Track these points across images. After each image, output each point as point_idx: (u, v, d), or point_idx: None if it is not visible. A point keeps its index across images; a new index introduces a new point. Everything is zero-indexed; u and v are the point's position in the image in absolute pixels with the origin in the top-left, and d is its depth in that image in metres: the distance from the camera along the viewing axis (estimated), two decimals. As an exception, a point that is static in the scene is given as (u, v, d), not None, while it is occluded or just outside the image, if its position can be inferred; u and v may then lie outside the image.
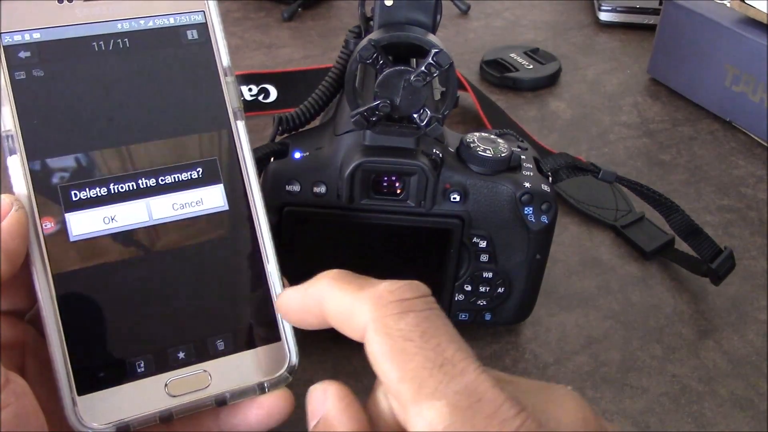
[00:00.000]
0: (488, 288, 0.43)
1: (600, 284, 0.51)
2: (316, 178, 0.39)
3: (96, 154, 0.29)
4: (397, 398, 0.23)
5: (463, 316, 0.44)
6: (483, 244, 0.41)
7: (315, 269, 0.42)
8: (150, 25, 0.31)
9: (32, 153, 0.28)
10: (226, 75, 0.32)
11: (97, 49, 0.30)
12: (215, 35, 0.32)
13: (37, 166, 0.28)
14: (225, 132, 0.31)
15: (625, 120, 0.70)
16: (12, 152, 0.28)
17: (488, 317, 0.44)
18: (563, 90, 0.74)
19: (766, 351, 0.46)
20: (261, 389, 0.30)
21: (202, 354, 0.29)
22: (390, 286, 0.24)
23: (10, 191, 0.28)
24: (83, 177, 0.29)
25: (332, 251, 0.42)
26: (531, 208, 0.41)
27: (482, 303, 0.43)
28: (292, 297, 0.27)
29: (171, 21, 0.31)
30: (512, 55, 0.76)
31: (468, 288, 0.43)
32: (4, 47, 0.29)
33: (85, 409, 0.27)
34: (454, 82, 0.37)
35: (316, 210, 0.40)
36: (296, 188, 0.39)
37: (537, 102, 0.72)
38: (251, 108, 0.65)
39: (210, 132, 0.31)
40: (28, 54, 0.29)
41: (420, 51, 0.36)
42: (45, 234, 0.28)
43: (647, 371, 0.45)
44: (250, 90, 0.66)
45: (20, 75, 0.29)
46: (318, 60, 0.76)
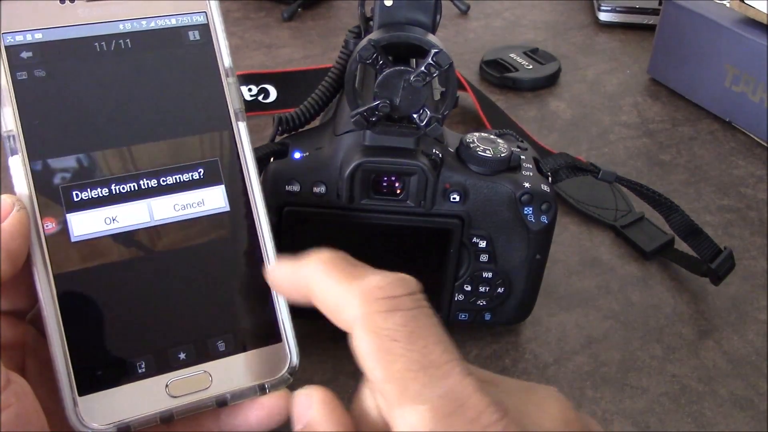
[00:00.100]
0: (488, 288, 0.43)
1: (600, 284, 0.51)
2: (316, 178, 0.39)
3: (97, 155, 0.29)
4: (383, 397, 0.23)
5: (463, 316, 0.44)
6: (483, 244, 0.41)
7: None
8: (152, 26, 0.31)
9: (34, 153, 0.28)
10: (228, 76, 0.32)
11: (99, 50, 0.30)
12: (217, 36, 0.32)
13: (39, 167, 0.28)
14: (226, 133, 0.31)
15: (625, 120, 0.70)
16: (13, 152, 0.28)
17: (488, 317, 0.44)
18: (563, 90, 0.74)
19: (766, 351, 0.46)
20: (262, 390, 0.30)
21: (203, 355, 0.29)
22: (380, 281, 0.24)
23: (12, 191, 0.28)
24: (85, 177, 0.29)
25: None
26: (531, 208, 0.41)
27: (482, 303, 0.43)
28: (283, 272, 0.27)
29: (173, 22, 0.31)
30: (512, 55, 0.76)
31: (468, 288, 0.43)
32: (6, 47, 0.29)
33: (86, 410, 0.27)
34: (454, 82, 0.37)
35: (316, 210, 0.40)
36: (296, 188, 0.39)
37: (537, 102, 0.72)
38: (251, 108, 0.65)
39: (211, 133, 0.31)
40: (30, 54, 0.29)
41: (420, 51, 0.36)
42: (46, 234, 0.28)
43: (647, 371, 0.45)
44: (250, 90, 0.66)
45: (22, 75, 0.29)
46: (318, 60, 0.76)
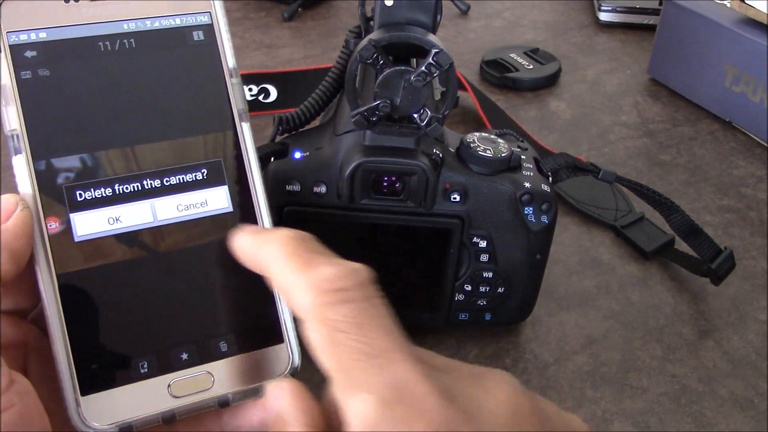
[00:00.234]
0: (488, 288, 0.43)
1: (600, 284, 0.51)
2: (316, 178, 0.39)
3: (101, 155, 0.29)
4: (334, 387, 0.23)
5: (463, 316, 0.44)
6: (483, 244, 0.41)
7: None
8: (156, 26, 0.31)
9: (37, 153, 0.28)
10: (232, 76, 0.32)
11: (103, 50, 0.30)
12: (221, 36, 0.32)
13: (42, 166, 0.28)
14: (230, 133, 0.31)
15: (625, 120, 0.70)
16: (17, 152, 0.28)
17: (488, 317, 0.44)
18: (563, 90, 0.74)
19: (766, 351, 0.46)
20: (264, 391, 0.30)
21: (205, 355, 0.29)
22: (331, 273, 0.24)
23: (15, 191, 0.28)
24: (88, 177, 0.29)
25: (332, 251, 0.42)
26: (531, 208, 0.41)
27: (482, 303, 0.43)
28: (244, 244, 0.27)
29: (177, 22, 0.31)
30: (512, 56, 0.76)
31: (468, 288, 0.43)
32: (10, 46, 0.29)
33: (89, 410, 0.27)
34: (454, 82, 0.37)
35: (316, 210, 0.40)
36: (296, 188, 0.39)
37: (537, 102, 0.72)
38: (251, 108, 0.65)
39: (215, 133, 0.31)
40: (34, 53, 0.29)
41: (420, 51, 0.36)
42: (49, 234, 0.28)
43: (647, 371, 0.45)
44: (250, 90, 0.66)
45: (26, 74, 0.29)
46: (318, 60, 0.76)
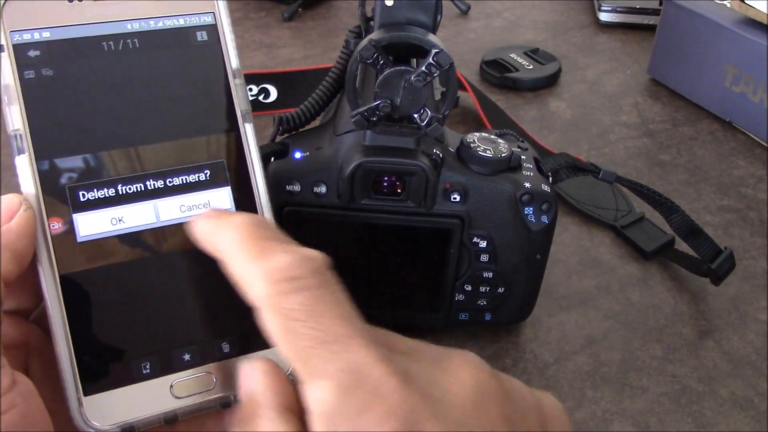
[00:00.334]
0: (488, 288, 0.43)
1: (600, 284, 0.51)
2: (316, 178, 0.39)
3: (104, 155, 0.29)
4: (295, 375, 0.23)
5: (464, 316, 0.44)
6: (483, 244, 0.41)
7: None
8: (160, 26, 0.31)
9: (40, 153, 0.28)
10: (235, 77, 0.32)
11: (107, 49, 0.30)
12: (224, 37, 0.32)
13: (46, 166, 0.28)
14: (233, 134, 0.31)
15: (625, 120, 0.70)
16: (20, 152, 0.28)
17: (488, 317, 0.44)
18: (563, 90, 0.74)
19: (766, 351, 0.46)
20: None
21: (207, 356, 0.29)
22: (284, 262, 0.24)
23: (16, 191, 0.28)
24: (91, 178, 0.29)
25: (332, 251, 0.42)
26: (531, 208, 0.41)
27: (482, 303, 0.43)
28: (202, 230, 0.27)
29: (181, 22, 0.31)
30: (512, 56, 0.76)
31: (468, 288, 0.43)
32: (14, 45, 0.29)
33: (91, 410, 0.27)
34: (455, 82, 0.37)
35: (316, 210, 0.40)
36: (296, 188, 0.39)
37: (537, 102, 0.72)
38: (251, 108, 0.65)
39: (218, 134, 0.31)
40: (38, 53, 0.29)
41: (420, 51, 0.36)
42: (52, 234, 0.28)
43: (647, 371, 0.45)
44: (251, 90, 0.66)
45: (29, 74, 0.29)
46: (318, 60, 0.76)
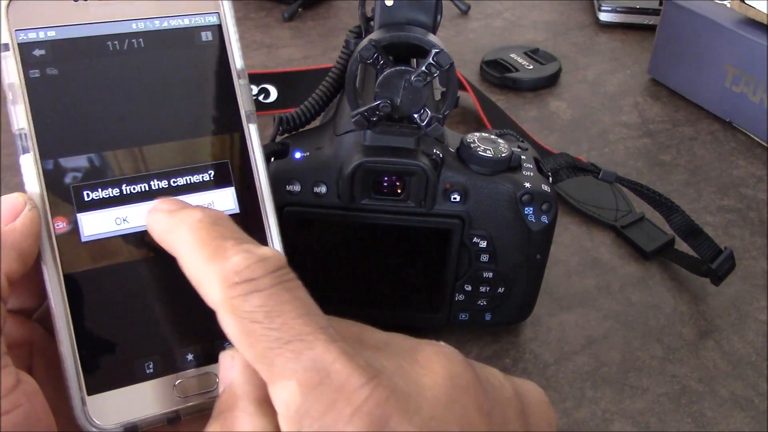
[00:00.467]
0: (488, 288, 0.43)
1: (600, 284, 0.51)
2: (317, 178, 0.39)
3: (108, 155, 0.29)
4: (258, 379, 0.23)
5: (464, 316, 0.44)
6: (483, 244, 0.41)
7: (315, 270, 0.42)
8: (164, 26, 0.31)
9: (45, 152, 0.28)
10: (240, 77, 0.31)
11: (112, 49, 0.30)
12: (229, 37, 0.32)
13: (50, 166, 0.28)
14: (237, 135, 0.31)
15: (626, 120, 0.70)
16: (25, 151, 0.28)
17: (488, 317, 0.44)
18: (563, 90, 0.74)
19: (766, 351, 0.46)
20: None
21: (211, 356, 0.29)
22: (238, 265, 0.23)
23: (17, 190, 0.28)
24: (96, 177, 0.29)
25: (332, 251, 0.42)
26: (531, 208, 0.41)
27: (482, 303, 0.43)
28: (157, 225, 0.26)
29: (186, 22, 0.31)
30: (512, 56, 0.76)
31: (468, 288, 0.43)
32: (19, 44, 0.28)
33: (94, 409, 0.27)
34: (455, 83, 0.37)
35: (317, 210, 0.40)
36: (296, 188, 0.39)
37: (537, 102, 0.72)
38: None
39: (222, 134, 0.31)
40: (43, 52, 0.29)
41: (420, 51, 0.36)
42: (57, 234, 0.28)
43: (647, 371, 0.45)
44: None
45: (34, 73, 0.29)
46: (318, 60, 0.76)
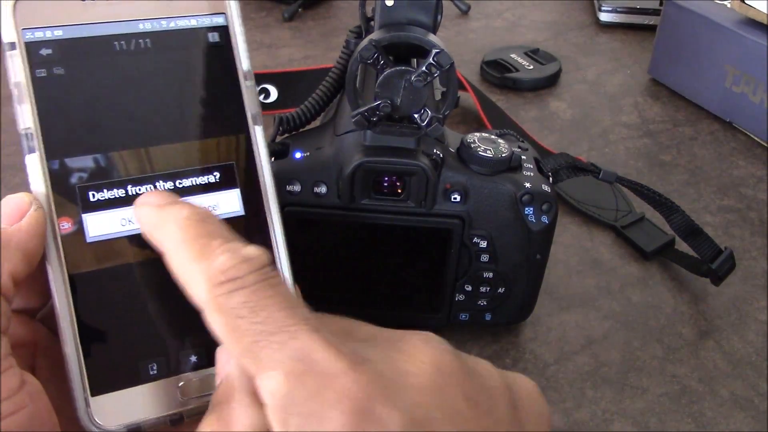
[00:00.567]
0: (489, 288, 0.43)
1: (600, 284, 0.51)
2: (317, 178, 0.39)
3: (114, 155, 0.29)
4: (246, 371, 0.24)
5: (464, 316, 0.44)
6: (483, 245, 0.41)
7: (315, 270, 0.42)
8: (172, 26, 0.31)
9: (51, 152, 0.28)
10: (246, 79, 0.31)
11: (119, 49, 0.30)
12: (236, 38, 0.31)
13: (56, 166, 0.28)
14: (243, 137, 0.31)
15: (626, 120, 0.70)
16: (31, 150, 0.28)
17: (489, 317, 0.44)
18: (563, 90, 0.74)
19: (766, 351, 0.46)
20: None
21: (214, 358, 0.29)
22: (224, 264, 0.24)
23: (18, 190, 0.28)
24: (101, 178, 0.29)
25: (332, 251, 0.42)
26: (531, 209, 0.41)
27: (483, 303, 0.43)
28: (146, 219, 0.27)
29: (193, 23, 0.31)
30: (512, 56, 0.76)
31: (468, 288, 0.43)
32: (26, 43, 0.28)
33: (98, 410, 0.27)
34: (455, 83, 0.37)
35: (317, 210, 0.40)
36: (296, 188, 0.39)
37: (537, 102, 0.72)
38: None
39: (228, 136, 0.31)
40: (50, 51, 0.29)
41: (421, 51, 0.36)
42: (62, 234, 0.28)
43: (647, 371, 0.45)
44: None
45: (41, 72, 0.28)
46: (318, 60, 0.76)
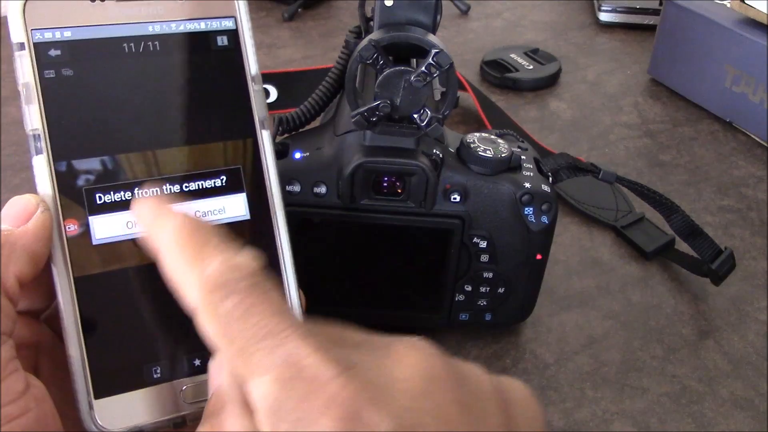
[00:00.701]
0: (489, 288, 0.43)
1: (600, 284, 0.51)
2: (317, 179, 0.39)
3: (121, 158, 0.29)
4: (237, 376, 0.24)
5: (464, 316, 0.44)
6: (483, 245, 0.41)
7: (315, 270, 0.42)
8: (181, 29, 0.30)
9: (58, 154, 0.28)
10: (254, 83, 0.31)
11: (127, 51, 0.30)
12: (245, 42, 0.31)
13: (63, 168, 0.28)
14: (250, 141, 0.31)
15: (626, 120, 0.70)
16: (38, 152, 0.28)
17: (488, 317, 0.44)
18: (563, 90, 0.74)
19: (766, 351, 0.46)
20: None
21: None
22: (216, 270, 0.24)
23: (19, 191, 0.28)
24: (108, 180, 0.29)
25: (332, 252, 0.42)
26: (531, 209, 0.41)
27: (483, 303, 0.43)
28: (145, 217, 0.26)
29: (202, 26, 0.31)
30: (512, 56, 0.76)
31: (468, 288, 0.43)
32: (35, 44, 0.28)
33: (102, 413, 0.27)
34: (455, 83, 0.37)
35: (317, 210, 0.40)
36: (296, 188, 0.39)
37: (537, 102, 0.72)
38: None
39: (235, 140, 0.31)
40: (59, 52, 0.28)
41: (420, 51, 0.36)
42: (68, 236, 0.28)
43: (647, 371, 0.45)
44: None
45: (49, 74, 0.28)
46: (318, 60, 0.76)
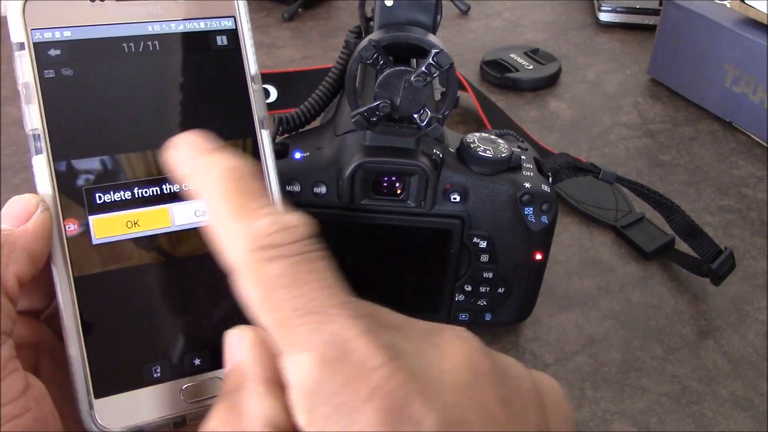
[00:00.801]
0: (488, 288, 0.43)
1: (600, 284, 0.51)
2: (316, 179, 0.39)
3: (121, 158, 0.29)
4: (275, 345, 0.22)
5: (464, 316, 0.44)
6: (483, 245, 0.41)
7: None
8: (180, 29, 0.30)
9: (58, 153, 0.28)
10: (254, 83, 0.31)
11: (127, 51, 0.30)
12: (244, 42, 0.31)
13: (63, 167, 0.28)
14: (250, 140, 0.31)
15: (626, 120, 0.70)
16: (38, 152, 0.28)
17: (488, 317, 0.44)
18: (563, 90, 0.74)
19: (766, 351, 0.46)
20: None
21: (218, 361, 0.29)
22: (266, 228, 0.22)
23: (28, 190, 0.28)
24: (108, 180, 0.29)
25: (332, 252, 0.42)
26: (531, 209, 0.41)
27: (482, 303, 0.43)
28: (181, 160, 0.25)
29: (201, 26, 0.31)
30: (512, 56, 0.76)
31: (468, 288, 0.43)
32: (35, 44, 0.28)
33: (102, 413, 0.27)
34: (455, 83, 0.37)
35: (316, 210, 0.40)
36: (296, 188, 0.39)
37: (537, 102, 0.72)
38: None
39: (235, 140, 0.31)
40: (58, 52, 0.28)
41: (420, 51, 0.36)
42: (68, 236, 0.28)
43: (647, 371, 0.45)
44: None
45: (49, 73, 0.28)
46: (318, 60, 0.76)
